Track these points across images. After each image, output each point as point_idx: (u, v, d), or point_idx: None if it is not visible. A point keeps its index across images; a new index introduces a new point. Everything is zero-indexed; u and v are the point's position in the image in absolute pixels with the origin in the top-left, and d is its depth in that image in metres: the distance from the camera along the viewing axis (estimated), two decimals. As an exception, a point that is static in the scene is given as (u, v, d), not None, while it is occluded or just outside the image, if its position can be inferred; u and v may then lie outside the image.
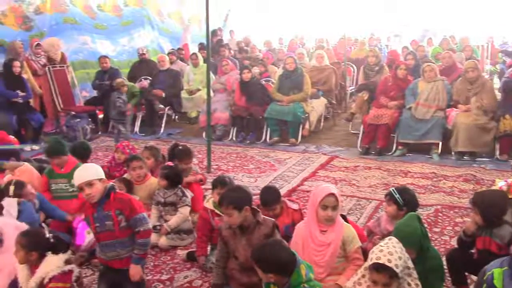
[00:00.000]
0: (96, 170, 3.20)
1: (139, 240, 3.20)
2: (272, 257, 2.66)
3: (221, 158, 7.09)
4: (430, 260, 3.04)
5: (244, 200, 3.13)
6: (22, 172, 4.65)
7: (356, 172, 6.37)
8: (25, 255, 3.05)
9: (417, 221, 3.07)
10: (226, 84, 8.56)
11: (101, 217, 3.19)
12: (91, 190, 3.10)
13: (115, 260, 3.27)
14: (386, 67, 8.47)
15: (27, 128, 7.77)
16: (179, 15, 13.10)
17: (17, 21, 8.87)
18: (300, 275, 2.67)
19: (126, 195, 3.32)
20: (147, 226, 3.22)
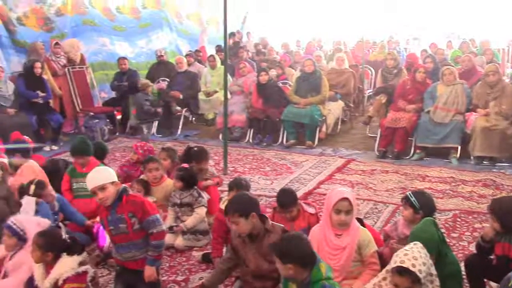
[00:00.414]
0: (108, 173, 3.22)
1: (153, 242, 3.20)
2: (291, 247, 2.65)
3: (237, 160, 7.10)
4: (448, 266, 2.99)
5: (249, 207, 3.08)
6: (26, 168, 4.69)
7: (373, 175, 6.33)
8: (41, 255, 3.08)
9: (434, 226, 3.03)
10: (243, 86, 8.57)
11: (114, 220, 3.20)
12: (104, 194, 3.12)
13: (130, 261, 3.29)
14: (404, 70, 8.41)
15: (46, 128, 7.86)
16: (197, 16, 13.16)
17: (38, 22, 9.00)
18: (320, 272, 2.65)
19: (138, 197, 3.32)
20: (160, 227, 3.21)
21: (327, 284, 2.63)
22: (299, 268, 2.63)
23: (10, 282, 3.26)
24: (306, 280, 2.65)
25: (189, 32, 12.86)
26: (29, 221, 3.43)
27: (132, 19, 11.07)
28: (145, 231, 3.21)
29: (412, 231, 3.07)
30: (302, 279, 2.66)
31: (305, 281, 2.65)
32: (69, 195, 4.62)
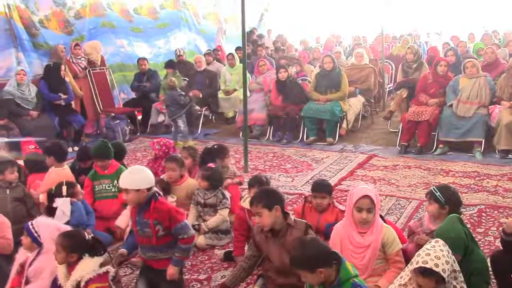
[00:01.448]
0: (140, 179, 3.19)
1: (182, 246, 3.21)
2: (313, 250, 2.57)
3: (258, 158, 7.08)
4: (474, 263, 2.94)
5: (274, 200, 3.06)
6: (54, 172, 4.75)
7: (395, 171, 6.25)
8: (65, 256, 3.10)
9: (460, 224, 2.97)
10: (263, 84, 8.55)
11: (141, 223, 3.23)
12: (126, 197, 3.19)
13: (154, 260, 3.31)
14: (425, 64, 8.28)
15: (68, 129, 7.95)
16: (215, 15, 13.17)
17: (59, 25, 9.11)
18: (348, 270, 2.60)
19: (165, 205, 3.26)
20: (190, 232, 3.23)
21: (357, 282, 2.58)
22: (327, 269, 2.55)
23: None
24: (335, 281, 2.57)
25: (207, 31, 12.87)
26: (48, 226, 3.43)
27: (150, 20, 11.12)
28: (169, 238, 3.22)
29: (438, 231, 3.01)
30: (331, 281, 2.58)
31: (334, 282, 2.57)
32: (90, 199, 4.64)
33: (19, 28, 8.36)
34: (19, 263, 3.45)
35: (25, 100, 7.48)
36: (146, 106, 9.03)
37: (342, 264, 2.59)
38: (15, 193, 4.30)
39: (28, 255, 3.42)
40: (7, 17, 8.21)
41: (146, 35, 10.92)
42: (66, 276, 3.14)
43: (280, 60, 10.35)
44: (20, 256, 3.50)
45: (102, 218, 4.61)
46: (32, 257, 3.40)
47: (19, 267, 3.41)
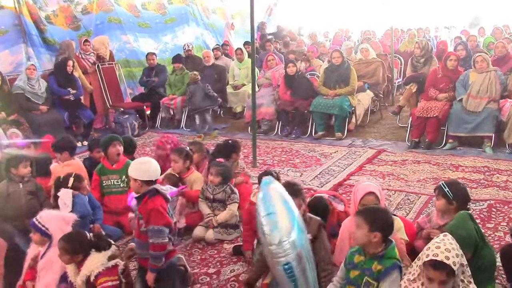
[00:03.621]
0: (143, 170, 3.22)
1: (151, 252, 3.13)
2: (383, 216, 2.79)
3: (266, 153, 7.09)
4: (481, 259, 2.95)
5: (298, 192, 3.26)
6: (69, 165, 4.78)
7: (404, 166, 6.23)
8: (70, 258, 3.14)
9: (470, 221, 2.96)
10: (272, 78, 8.54)
11: (136, 215, 3.28)
12: (131, 184, 3.28)
13: (142, 259, 3.31)
14: (435, 58, 8.22)
15: (77, 124, 8.00)
16: (223, 10, 13.14)
17: (66, 21, 9.14)
18: (395, 252, 2.76)
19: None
20: (159, 240, 3.10)
21: (399, 263, 2.72)
22: (381, 238, 2.73)
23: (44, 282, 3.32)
24: (380, 253, 2.74)
25: (216, 26, 12.86)
26: (53, 217, 3.46)
27: (158, 15, 11.12)
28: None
29: (449, 227, 3.01)
30: (376, 251, 2.75)
31: (378, 253, 2.74)
32: (97, 194, 4.67)
33: (29, 23, 8.41)
34: (31, 257, 3.49)
35: (35, 95, 7.52)
36: (154, 101, 9.05)
37: (392, 245, 2.76)
38: (28, 186, 4.34)
39: (39, 249, 3.46)
40: (17, 12, 8.26)
41: (153, 31, 10.92)
42: (75, 272, 3.17)
43: (288, 55, 10.32)
44: (32, 250, 3.54)
45: (111, 212, 4.64)
46: (43, 250, 3.43)
47: (32, 262, 3.45)
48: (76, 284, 3.12)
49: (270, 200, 2.88)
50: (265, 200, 2.88)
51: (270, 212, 2.79)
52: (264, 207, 2.83)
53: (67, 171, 4.36)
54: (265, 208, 2.82)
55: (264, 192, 2.96)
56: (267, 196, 2.92)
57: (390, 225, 2.79)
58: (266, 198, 2.89)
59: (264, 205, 2.85)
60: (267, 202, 2.86)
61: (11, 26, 8.22)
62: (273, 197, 2.91)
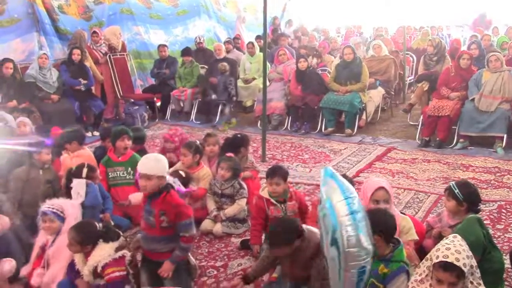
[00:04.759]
0: (161, 166, 3.21)
1: (182, 244, 3.20)
2: (379, 218, 2.77)
3: (275, 148, 7.07)
4: (489, 263, 2.93)
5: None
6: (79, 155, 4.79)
7: (414, 164, 6.20)
8: (79, 249, 3.16)
9: (479, 226, 2.94)
10: (283, 73, 8.51)
11: (147, 210, 3.24)
12: (146, 183, 3.14)
13: (153, 253, 3.30)
14: (448, 57, 8.15)
15: (88, 114, 8.02)
16: (234, 3, 13.10)
17: (78, 10, 9.15)
18: (403, 255, 2.75)
19: (176, 200, 3.23)
20: (192, 232, 3.22)
21: (406, 267, 2.70)
22: (382, 241, 2.73)
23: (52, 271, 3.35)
24: (387, 256, 2.74)
25: (227, 19, 12.82)
26: (64, 203, 3.55)
27: (169, 7, 11.09)
28: (172, 231, 3.20)
29: (456, 232, 2.99)
30: (383, 254, 2.74)
31: (385, 256, 2.74)
32: (105, 185, 4.64)
33: (42, 12, 8.43)
34: (39, 245, 3.52)
35: (47, 84, 7.55)
36: (165, 92, 9.06)
37: (399, 247, 2.77)
38: (47, 174, 4.38)
39: (48, 237, 3.48)
40: (30, 1, 8.27)
41: (164, 23, 10.90)
42: (83, 262, 3.19)
43: (300, 50, 10.27)
44: (40, 239, 3.56)
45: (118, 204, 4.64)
46: (51, 239, 3.46)
47: (40, 250, 3.48)
48: (83, 273, 3.14)
49: (351, 196, 2.59)
50: (344, 193, 2.58)
51: (353, 211, 2.53)
52: (347, 204, 2.54)
53: (77, 162, 4.38)
54: (349, 206, 2.54)
55: (339, 183, 2.64)
56: (345, 188, 2.62)
57: (390, 227, 2.78)
58: (345, 192, 2.59)
59: (347, 202, 2.56)
60: (349, 199, 2.57)
61: (24, 14, 8.24)
62: (352, 192, 2.64)
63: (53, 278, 3.32)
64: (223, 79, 8.46)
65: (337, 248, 2.54)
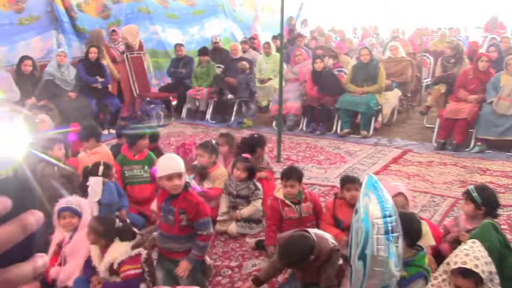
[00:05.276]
0: (182, 163, 3.25)
1: (200, 243, 3.23)
2: (409, 221, 2.76)
3: (290, 148, 7.07)
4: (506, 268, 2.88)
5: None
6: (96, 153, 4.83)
7: (430, 167, 6.15)
8: (95, 239, 3.20)
9: (494, 231, 2.91)
10: (299, 74, 8.50)
11: (166, 209, 3.25)
12: (180, 181, 3.16)
13: (171, 252, 3.32)
14: (466, 59, 8.08)
15: (105, 112, 8.09)
16: (252, 3, 13.11)
17: (96, 9, 9.22)
18: (424, 260, 2.73)
19: (195, 197, 3.28)
20: (209, 231, 3.26)
21: (424, 273, 2.67)
22: (407, 245, 2.69)
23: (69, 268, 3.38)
24: (407, 259, 2.71)
25: (243, 19, 12.84)
26: (80, 200, 3.60)
27: (186, 6, 11.13)
28: (191, 229, 3.23)
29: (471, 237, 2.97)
30: (404, 257, 2.69)
31: (406, 260, 2.70)
32: (120, 183, 4.65)
33: (60, 10, 8.49)
34: (56, 243, 3.55)
35: (65, 82, 7.62)
36: (181, 92, 9.09)
37: (421, 252, 2.76)
38: (63, 170, 4.41)
39: (64, 234, 3.52)
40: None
41: (180, 22, 10.93)
42: (99, 258, 3.22)
43: (316, 51, 10.24)
44: (56, 236, 3.60)
45: (134, 202, 4.67)
46: (68, 235, 3.49)
47: (56, 247, 3.51)
48: (99, 269, 3.17)
49: (391, 215, 2.50)
50: (384, 211, 2.50)
51: (389, 232, 2.47)
52: (384, 223, 2.49)
53: (94, 160, 4.42)
54: (385, 226, 2.47)
55: (380, 198, 2.54)
56: (385, 205, 2.52)
57: (415, 232, 2.77)
58: (385, 210, 2.50)
59: (385, 221, 2.49)
60: (388, 218, 2.48)
61: (44, 12, 8.32)
62: (392, 208, 2.53)
63: (70, 275, 3.35)
64: (244, 77, 8.48)
65: (364, 264, 2.52)
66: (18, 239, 0.52)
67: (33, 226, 0.53)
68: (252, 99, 8.61)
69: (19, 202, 0.52)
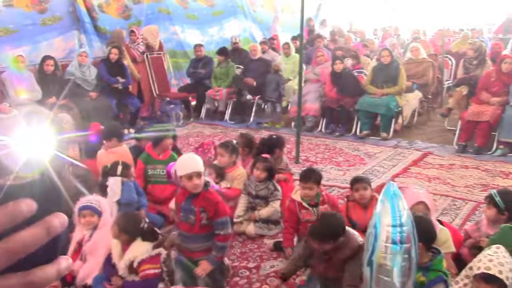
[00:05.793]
0: (201, 162, 3.26)
1: (218, 243, 3.23)
2: (425, 225, 2.73)
3: (309, 150, 7.04)
4: None
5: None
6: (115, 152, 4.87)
7: (451, 170, 6.07)
8: (118, 233, 3.22)
9: None
10: (320, 75, 8.45)
11: (186, 209, 3.26)
12: (200, 181, 3.17)
13: (190, 251, 3.33)
14: (488, 61, 7.96)
15: (125, 112, 8.15)
16: (272, 4, 13.10)
17: (117, 10, 9.30)
18: (442, 264, 2.70)
19: (215, 196, 3.30)
20: (227, 231, 3.25)
21: (443, 277, 2.64)
22: (424, 249, 2.67)
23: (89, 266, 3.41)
24: (425, 264, 2.68)
25: (263, 20, 12.83)
26: (100, 199, 3.64)
27: (206, 7, 11.17)
28: (211, 227, 3.24)
29: (490, 242, 2.92)
30: (422, 262, 2.68)
31: (424, 265, 2.68)
32: (141, 182, 4.71)
33: (82, 10, 8.59)
34: (76, 241, 3.59)
35: (85, 81, 7.70)
36: (200, 92, 9.12)
37: (439, 256, 2.73)
38: (77, 170, 4.45)
39: (84, 233, 3.56)
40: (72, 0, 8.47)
41: (200, 22, 10.96)
42: (120, 255, 3.24)
43: (336, 52, 10.19)
44: (76, 234, 3.63)
45: (154, 201, 4.70)
46: (88, 234, 3.53)
47: (76, 245, 3.55)
48: (119, 267, 3.19)
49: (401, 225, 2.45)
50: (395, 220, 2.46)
51: (397, 241, 2.42)
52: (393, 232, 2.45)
53: (113, 158, 4.45)
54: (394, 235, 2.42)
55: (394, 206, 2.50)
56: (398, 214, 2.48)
57: (431, 235, 2.75)
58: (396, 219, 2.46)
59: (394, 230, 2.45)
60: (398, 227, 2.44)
61: (66, 13, 8.42)
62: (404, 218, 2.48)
63: (89, 273, 3.38)
64: (275, 78, 8.50)
65: (370, 270, 2.52)
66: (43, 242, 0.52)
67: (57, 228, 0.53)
68: (279, 101, 8.60)
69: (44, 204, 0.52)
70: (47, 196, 0.53)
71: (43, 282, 0.53)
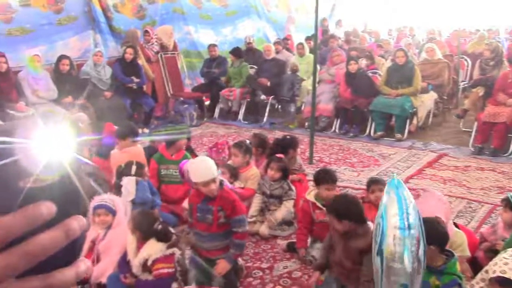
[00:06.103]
0: (215, 166, 3.28)
1: (236, 241, 3.27)
2: (436, 228, 2.72)
3: (323, 150, 7.01)
4: None
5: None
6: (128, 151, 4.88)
7: (467, 172, 6.00)
8: (134, 229, 3.24)
9: None
10: (335, 75, 8.41)
11: (203, 209, 3.27)
12: (216, 186, 3.21)
13: (207, 251, 3.34)
14: (505, 62, 7.86)
15: (139, 112, 8.19)
16: (286, 4, 13.08)
17: (132, 10, 9.34)
18: (456, 268, 2.68)
19: (231, 195, 3.34)
20: (245, 228, 3.30)
21: (458, 280, 2.62)
22: (437, 252, 2.66)
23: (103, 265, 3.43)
24: (439, 267, 2.67)
25: (277, 20, 12.82)
26: (111, 198, 3.66)
27: (219, 7, 11.18)
28: (228, 225, 3.26)
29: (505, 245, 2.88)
30: (435, 265, 2.68)
31: (438, 268, 2.67)
32: (155, 182, 4.71)
33: (98, 10, 8.64)
34: (90, 240, 3.61)
35: (100, 81, 7.75)
36: (214, 92, 9.14)
37: (453, 259, 2.70)
38: (87, 168, 4.47)
39: (98, 231, 3.58)
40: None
41: (213, 22, 10.98)
42: (134, 253, 3.25)
43: (351, 52, 10.15)
44: (91, 233, 3.65)
45: (167, 202, 4.70)
46: (102, 233, 3.55)
47: (91, 244, 3.57)
48: (133, 264, 3.21)
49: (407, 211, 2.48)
50: (401, 207, 2.50)
51: (405, 227, 2.44)
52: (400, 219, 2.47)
53: (126, 158, 4.47)
54: (401, 221, 2.46)
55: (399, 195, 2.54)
56: (403, 201, 2.52)
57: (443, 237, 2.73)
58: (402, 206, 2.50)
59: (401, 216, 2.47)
60: (404, 213, 2.47)
61: (81, 13, 8.49)
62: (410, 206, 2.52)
63: (103, 271, 3.40)
64: (291, 77, 8.49)
65: (381, 260, 2.52)
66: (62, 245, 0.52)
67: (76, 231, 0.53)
68: (293, 101, 8.58)
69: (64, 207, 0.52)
70: (67, 198, 0.53)
71: (63, 285, 0.53)
